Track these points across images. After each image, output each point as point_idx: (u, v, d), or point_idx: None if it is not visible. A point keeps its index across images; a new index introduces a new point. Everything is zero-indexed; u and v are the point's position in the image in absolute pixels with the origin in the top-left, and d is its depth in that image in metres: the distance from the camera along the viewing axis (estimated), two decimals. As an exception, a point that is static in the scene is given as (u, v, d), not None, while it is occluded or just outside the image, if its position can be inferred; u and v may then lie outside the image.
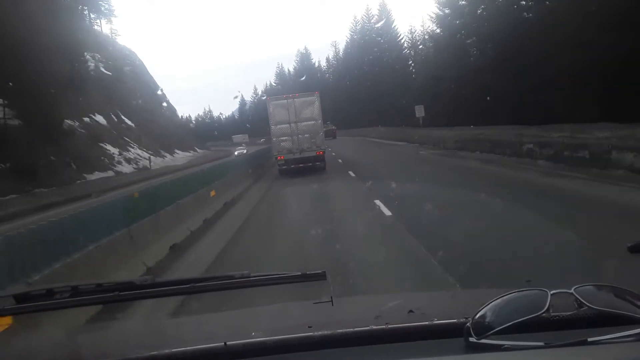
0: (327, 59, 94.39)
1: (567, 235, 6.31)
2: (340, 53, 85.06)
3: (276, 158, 20.87)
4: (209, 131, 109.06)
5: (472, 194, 10.75)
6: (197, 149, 69.02)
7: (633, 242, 1.46)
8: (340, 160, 25.32)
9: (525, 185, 12.13)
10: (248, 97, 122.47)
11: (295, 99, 20.91)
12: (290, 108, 20.55)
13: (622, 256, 1.83)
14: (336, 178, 17.98)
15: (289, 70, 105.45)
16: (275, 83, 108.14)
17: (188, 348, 1.19)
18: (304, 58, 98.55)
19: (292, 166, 20.45)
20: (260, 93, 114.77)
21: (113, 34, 64.65)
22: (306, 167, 20.35)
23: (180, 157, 55.32)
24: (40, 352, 1.50)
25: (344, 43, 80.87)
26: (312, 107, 20.72)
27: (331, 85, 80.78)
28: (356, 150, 34.78)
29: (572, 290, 1.09)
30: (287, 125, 20.56)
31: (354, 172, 18.46)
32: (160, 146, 50.98)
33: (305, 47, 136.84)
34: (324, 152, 21.00)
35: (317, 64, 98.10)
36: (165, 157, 50.23)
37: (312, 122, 20.66)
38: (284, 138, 20.56)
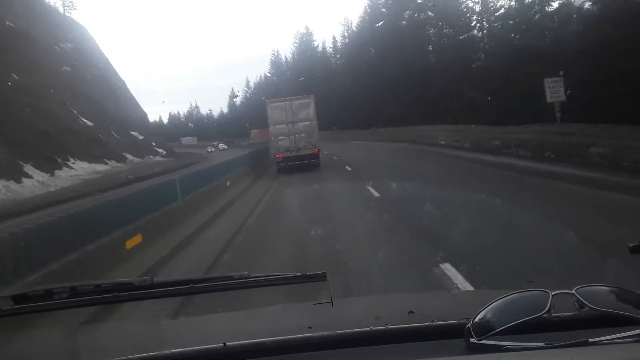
0: (334, 40, 75.95)
1: None
2: (354, 26, 64.51)
3: (274, 156, 22.77)
4: (201, 130, 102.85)
5: None
6: (131, 156, 41.23)
7: (635, 242, 1.45)
8: None
9: None
10: (240, 92, 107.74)
11: (292, 102, 22.99)
12: (287, 110, 22.47)
13: (623, 256, 1.76)
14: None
15: (286, 57, 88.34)
16: (269, 73, 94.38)
17: (187, 349, 1.18)
18: (304, 41, 78.59)
19: (289, 163, 22.33)
20: (252, 86, 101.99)
21: (66, 8, 61.28)
22: (302, 165, 22.13)
23: (71, 175, 29.25)
24: (38, 353, 1.49)
25: (362, 9, 61.19)
26: (308, 109, 22.75)
27: (340, 71, 66.61)
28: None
29: (573, 291, 1.08)
30: (285, 125, 22.43)
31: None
32: (31, 154, 26.94)
33: (307, 27, 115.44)
34: (318, 151, 22.93)
35: (320, 47, 78.04)
36: (30, 178, 25.30)
37: (308, 122, 22.62)
38: (282, 137, 22.41)
